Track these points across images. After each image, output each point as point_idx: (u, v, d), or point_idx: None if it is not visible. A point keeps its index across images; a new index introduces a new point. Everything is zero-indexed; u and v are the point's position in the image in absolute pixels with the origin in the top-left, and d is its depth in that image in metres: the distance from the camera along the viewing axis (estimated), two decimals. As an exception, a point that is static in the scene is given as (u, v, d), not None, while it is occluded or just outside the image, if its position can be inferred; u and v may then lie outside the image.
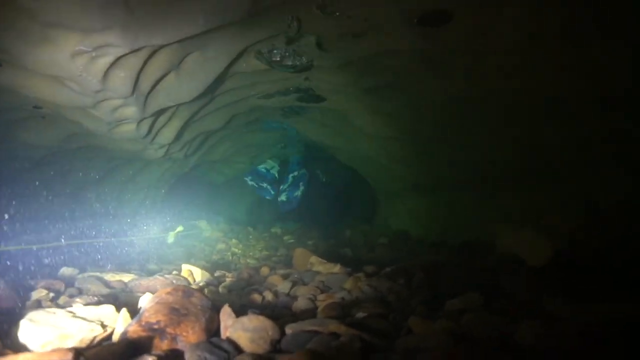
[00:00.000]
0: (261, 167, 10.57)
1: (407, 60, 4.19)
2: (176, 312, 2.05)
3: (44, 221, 5.86)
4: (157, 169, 7.12)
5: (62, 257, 4.73)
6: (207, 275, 4.07)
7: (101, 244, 5.79)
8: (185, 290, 2.30)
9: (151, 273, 4.76)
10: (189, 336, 1.96)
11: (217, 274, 4.34)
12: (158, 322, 1.94)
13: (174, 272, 4.07)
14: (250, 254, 6.96)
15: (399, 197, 8.07)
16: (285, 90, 5.43)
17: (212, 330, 2.14)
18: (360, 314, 2.56)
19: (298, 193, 10.40)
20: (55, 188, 5.82)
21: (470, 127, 4.87)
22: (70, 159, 5.41)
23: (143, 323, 1.93)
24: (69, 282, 3.47)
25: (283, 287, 3.51)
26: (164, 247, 6.67)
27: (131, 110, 3.84)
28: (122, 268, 4.61)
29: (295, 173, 10.47)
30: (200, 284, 3.64)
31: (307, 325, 2.21)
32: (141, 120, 4.22)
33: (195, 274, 4.04)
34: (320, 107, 6.34)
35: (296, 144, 8.94)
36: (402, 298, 3.08)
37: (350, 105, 5.77)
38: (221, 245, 7.16)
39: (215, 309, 2.33)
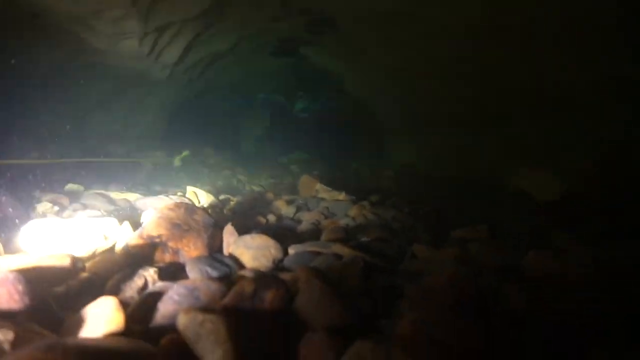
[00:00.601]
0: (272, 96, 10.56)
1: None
2: (178, 228, 2.00)
3: (52, 139, 5.81)
4: (162, 93, 6.94)
5: (69, 175, 4.72)
6: (211, 198, 4.04)
7: (107, 165, 5.77)
8: (188, 207, 2.24)
9: (156, 194, 4.76)
10: (190, 251, 1.92)
11: (222, 197, 4.31)
12: (160, 235, 1.89)
13: (178, 194, 4.04)
14: (256, 181, 6.94)
15: (408, 133, 7.89)
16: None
17: (215, 247, 2.11)
18: (364, 239, 2.52)
19: (316, 106, 10.46)
20: (61, 107, 5.70)
21: (486, 59, 4.60)
22: (76, 78, 5.24)
23: (145, 236, 1.88)
24: (74, 198, 3.46)
25: (287, 211, 3.48)
26: (170, 171, 6.65)
27: (133, 24, 3.61)
28: (128, 188, 4.59)
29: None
30: (204, 206, 3.61)
31: (310, 247, 2.17)
32: (144, 37, 4.00)
33: (200, 196, 4.01)
34: (335, 36, 6.02)
35: (308, 73, 8.62)
36: (407, 226, 3.03)
37: (365, 32, 5.45)
38: (227, 172, 7.14)
39: (219, 227, 2.29)
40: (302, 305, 1.37)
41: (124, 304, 1.23)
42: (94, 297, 1.23)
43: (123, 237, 2.10)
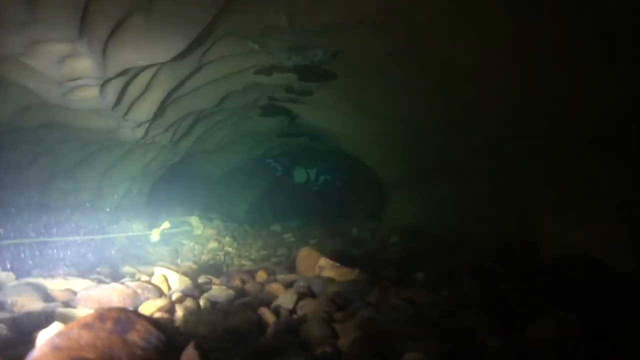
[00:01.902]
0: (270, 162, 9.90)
1: (430, 11, 3.20)
2: (84, 372, 1.03)
3: (5, 212, 4.86)
4: (141, 157, 6.09)
5: (8, 256, 3.72)
6: (186, 281, 3.05)
7: (72, 241, 4.77)
8: (120, 318, 1.28)
9: (120, 277, 3.75)
10: None
11: (201, 279, 3.32)
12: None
13: (142, 278, 3.05)
14: (246, 254, 5.95)
15: (411, 187, 7.04)
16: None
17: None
18: (412, 355, 1.55)
19: (328, 177, 9.66)
20: (21, 176, 4.80)
21: (502, 94, 3.86)
22: (34, 141, 4.39)
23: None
24: (-8, 293, 2.45)
25: (286, 300, 2.49)
26: (148, 246, 5.64)
27: (86, 65, 2.81)
28: (84, 271, 3.58)
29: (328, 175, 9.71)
30: (175, 295, 2.62)
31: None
32: (104, 83, 3.20)
33: (172, 281, 3.02)
34: (330, 85, 5.34)
35: (301, 133, 7.91)
36: (458, 320, 2.06)
37: (364, 77, 4.76)
38: (213, 244, 6.15)
39: (175, 349, 1.33)
40: None
41: None
42: None
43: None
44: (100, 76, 3.03)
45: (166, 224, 5.37)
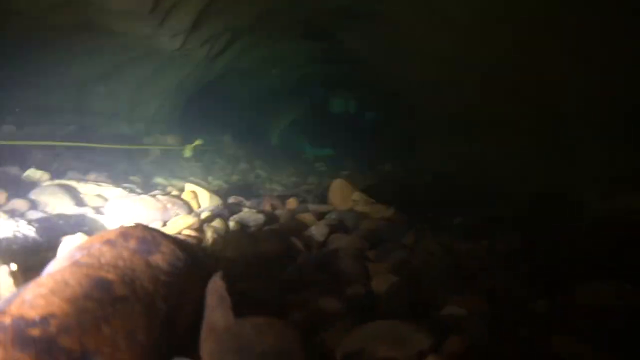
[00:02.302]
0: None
1: None
2: (102, 296, 0.92)
3: (40, 113, 4.85)
4: (177, 72, 5.91)
5: (53, 157, 3.73)
6: (216, 200, 2.98)
7: (107, 148, 4.78)
8: (145, 237, 1.17)
9: (152, 188, 3.74)
10: (117, 355, 0.85)
11: (231, 200, 3.25)
12: (44, 320, 0.81)
13: (173, 193, 2.99)
14: (277, 178, 5.89)
15: (447, 134, 6.69)
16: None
17: (180, 334, 1.04)
18: (452, 309, 1.42)
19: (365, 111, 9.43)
20: (58, 76, 4.72)
21: (558, 42, 3.40)
22: (71, 42, 4.24)
23: (9, 322, 0.81)
24: (25, 190, 2.43)
25: (317, 231, 2.38)
26: (181, 160, 5.63)
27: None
28: (118, 179, 3.57)
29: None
30: (204, 214, 2.55)
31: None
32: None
33: (202, 198, 2.95)
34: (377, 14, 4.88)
35: (342, 60, 7.47)
36: (498, 277, 1.90)
37: (412, 11, 4.29)
38: (244, 165, 6.09)
39: (201, 276, 1.23)
40: None
41: None
42: None
43: None
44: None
45: (199, 141, 5.30)
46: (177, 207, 2.61)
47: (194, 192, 2.92)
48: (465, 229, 2.83)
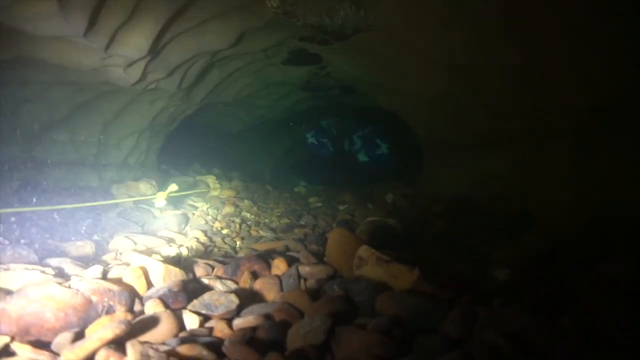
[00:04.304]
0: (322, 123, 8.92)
1: None
2: None
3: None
4: (147, 107, 5.15)
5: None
6: (175, 274, 2.12)
7: (62, 206, 3.93)
8: None
9: (103, 254, 2.89)
10: None
11: (199, 269, 2.39)
12: None
13: (116, 269, 2.13)
14: (266, 220, 5.04)
15: (458, 150, 5.90)
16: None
17: None
18: None
19: (382, 151, 8.51)
20: (4, 125, 3.93)
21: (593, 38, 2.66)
22: (17, 83, 3.47)
23: None
24: None
25: (313, 327, 1.53)
26: (155, 210, 4.78)
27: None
28: (51, 250, 2.71)
29: (360, 133, 8.53)
30: (149, 306, 1.70)
31: None
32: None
33: (154, 274, 2.09)
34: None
35: (331, 85, 6.77)
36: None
37: (409, 15, 3.58)
38: (229, 209, 5.25)
39: None
40: None
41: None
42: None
43: None
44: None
45: (173, 186, 4.47)
46: (111, 297, 1.75)
47: (142, 268, 2.06)
48: (523, 291, 1.99)
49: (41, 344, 1.45)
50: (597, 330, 1.47)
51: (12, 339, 1.42)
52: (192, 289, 1.95)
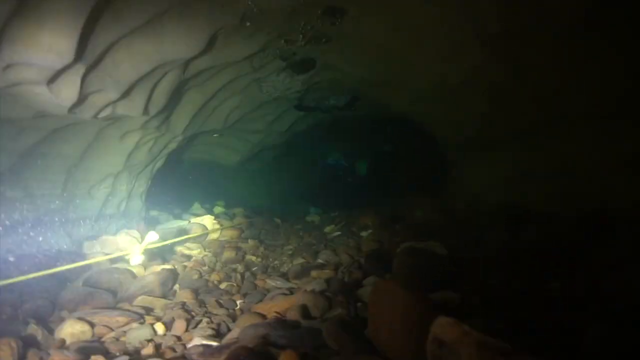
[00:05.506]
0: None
1: None
2: None
3: None
4: (117, 143, 4.20)
5: None
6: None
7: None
8: None
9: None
10: None
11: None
12: None
13: None
14: (276, 262, 3.99)
15: (489, 149, 4.84)
16: None
17: None
18: None
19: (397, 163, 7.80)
20: None
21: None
22: None
23: None
24: None
25: None
26: (136, 269, 3.73)
27: None
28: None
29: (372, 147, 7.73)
30: None
31: None
32: None
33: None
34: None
35: (332, 90, 5.81)
36: None
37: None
38: (230, 254, 4.21)
39: None
40: None
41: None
42: None
43: None
44: None
45: (152, 236, 3.45)
46: None
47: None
48: None
49: None
50: None
51: None
52: None
